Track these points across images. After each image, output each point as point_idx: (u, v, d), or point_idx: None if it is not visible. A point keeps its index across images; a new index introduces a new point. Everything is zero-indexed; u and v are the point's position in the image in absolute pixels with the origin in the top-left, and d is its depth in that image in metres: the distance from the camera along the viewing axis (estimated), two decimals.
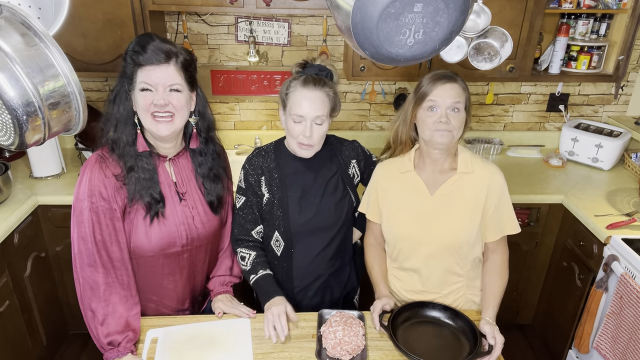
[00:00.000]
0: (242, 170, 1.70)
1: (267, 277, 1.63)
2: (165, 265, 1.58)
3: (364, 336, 1.50)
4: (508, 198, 1.63)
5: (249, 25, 2.65)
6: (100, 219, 1.43)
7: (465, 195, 1.59)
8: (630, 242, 1.99)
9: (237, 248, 1.71)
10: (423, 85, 1.57)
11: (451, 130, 1.52)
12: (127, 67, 1.42)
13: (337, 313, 1.57)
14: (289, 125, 1.58)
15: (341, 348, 1.44)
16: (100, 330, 1.45)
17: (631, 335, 1.88)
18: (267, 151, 1.71)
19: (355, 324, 1.52)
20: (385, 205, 1.67)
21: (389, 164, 1.72)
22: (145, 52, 1.38)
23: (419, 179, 1.64)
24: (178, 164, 1.58)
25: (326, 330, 1.49)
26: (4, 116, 1.10)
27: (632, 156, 2.68)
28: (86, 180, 1.43)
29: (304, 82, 1.54)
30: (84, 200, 1.42)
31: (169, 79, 1.41)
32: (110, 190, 1.43)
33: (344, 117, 2.93)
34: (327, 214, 1.67)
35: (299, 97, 1.53)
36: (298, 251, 1.70)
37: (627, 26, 2.53)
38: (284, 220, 1.66)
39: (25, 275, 2.26)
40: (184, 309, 1.71)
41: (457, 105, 1.52)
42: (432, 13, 1.05)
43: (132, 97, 1.44)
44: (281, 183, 1.66)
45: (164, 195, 1.52)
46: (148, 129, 1.47)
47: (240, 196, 1.70)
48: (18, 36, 1.11)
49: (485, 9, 1.76)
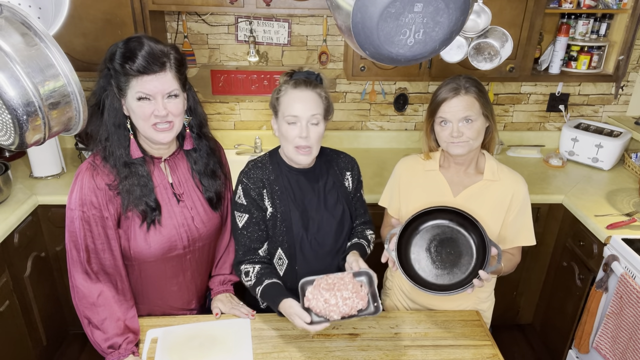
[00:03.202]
0: (239, 185, 1.58)
1: (273, 285, 1.50)
2: (169, 269, 1.57)
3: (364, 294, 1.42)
4: (529, 209, 1.63)
5: (249, 25, 2.65)
6: (92, 227, 1.42)
7: (489, 202, 1.60)
8: (630, 242, 1.99)
9: (240, 267, 1.58)
10: (434, 99, 1.56)
11: (466, 141, 1.52)
12: (116, 74, 1.35)
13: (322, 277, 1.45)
14: (283, 130, 1.50)
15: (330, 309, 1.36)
16: (97, 335, 1.45)
17: (631, 335, 1.88)
18: (263, 162, 1.61)
19: (345, 285, 1.42)
20: (406, 201, 1.67)
21: (412, 160, 1.72)
22: (138, 60, 1.31)
23: (443, 178, 1.65)
24: (174, 164, 1.55)
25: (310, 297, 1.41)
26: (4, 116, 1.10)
27: (632, 156, 2.68)
28: (77, 189, 1.41)
29: (294, 84, 1.50)
30: (75, 209, 1.41)
31: (167, 86, 1.36)
32: (102, 199, 1.41)
33: (344, 117, 2.93)
34: (330, 227, 1.61)
35: (291, 99, 1.48)
36: (302, 269, 1.61)
37: (627, 26, 2.53)
38: (288, 235, 1.57)
39: (25, 275, 2.26)
40: (192, 308, 1.71)
41: (468, 117, 1.51)
42: (432, 13, 1.05)
43: (124, 103, 1.40)
44: (283, 196, 1.57)
45: (161, 198, 1.50)
46: (147, 137, 1.43)
47: (242, 214, 1.57)
48: (18, 36, 1.11)
49: (485, 9, 1.76)
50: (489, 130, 1.61)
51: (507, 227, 1.62)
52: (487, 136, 1.62)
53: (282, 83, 1.54)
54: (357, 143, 2.98)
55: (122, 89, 1.37)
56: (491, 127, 1.60)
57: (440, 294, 1.50)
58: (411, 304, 1.77)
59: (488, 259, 1.46)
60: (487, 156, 1.65)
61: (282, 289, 1.50)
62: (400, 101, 2.88)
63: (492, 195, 1.61)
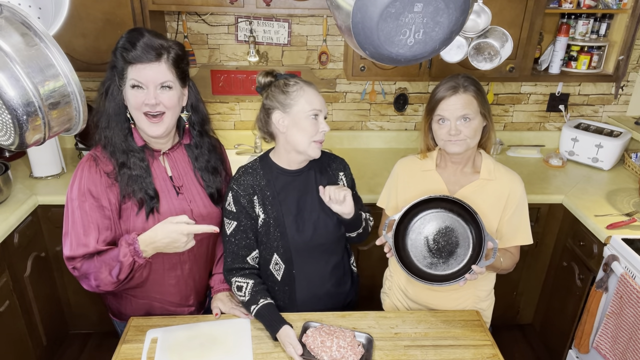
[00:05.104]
0: (229, 192, 1.58)
1: (269, 306, 1.54)
2: (166, 261, 1.58)
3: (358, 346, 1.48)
4: (526, 208, 1.64)
5: (249, 25, 2.65)
6: (89, 216, 1.44)
7: (485, 201, 1.60)
8: (630, 242, 1.99)
9: (231, 278, 1.60)
10: (432, 97, 1.57)
11: (463, 139, 1.53)
12: (117, 63, 1.41)
13: (322, 325, 1.54)
14: (304, 125, 1.50)
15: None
16: (117, 263, 1.41)
17: (631, 335, 1.88)
18: (254, 168, 1.61)
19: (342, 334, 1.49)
20: (404, 201, 1.68)
21: (410, 160, 1.73)
22: (135, 49, 1.37)
23: (440, 178, 1.65)
24: (173, 157, 1.57)
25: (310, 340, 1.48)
26: (4, 116, 1.10)
27: (632, 156, 2.68)
28: (77, 180, 1.45)
29: (305, 82, 1.54)
30: (75, 199, 1.44)
31: (160, 76, 1.40)
32: (101, 187, 1.44)
33: (344, 117, 2.93)
34: (325, 229, 1.61)
35: (311, 94, 1.51)
36: (299, 272, 1.63)
37: (627, 26, 2.53)
38: (283, 240, 1.58)
39: (25, 275, 2.26)
40: (189, 304, 1.71)
41: (466, 115, 1.52)
42: (432, 13, 1.05)
43: (123, 92, 1.44)
44: (275, 201, 1.58)
45: (160, 189, 1.52)
46: (140, 128, 1.48)
47: (231, 221, 1.59)
48: (18, 36, 1.11)
49: (485, 9, 1.76)
50: (486, 130, 1.61)
51: (504, 226, 1.62)
52: (484, 135, 1.62)
53: (282, 82, 1.54)
54: (357, 143, 2.98)
55: (122, 76, 1.41)
56: (488, 126, 1.61)
57: (433, 284, 1.52)
58: (411, 303, 1.77)
59: (483, 253, 1.47)
60: (484, 155, 1.65)
61: (277, 312, 1.54)
62: (400, 101, 2.88)
63: (488, 194, 1.62)
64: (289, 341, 1.46)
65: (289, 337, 1.46)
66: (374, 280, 2.12)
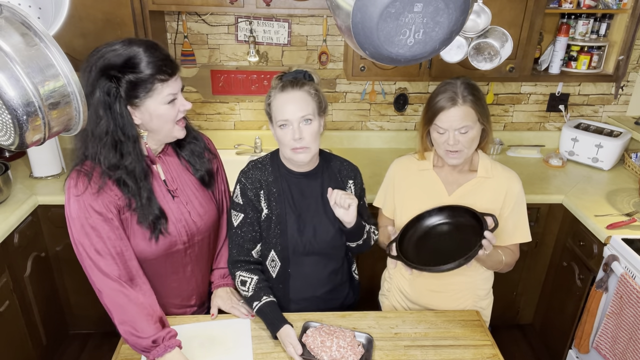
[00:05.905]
0: (237, 184, 1.60)
1: (271, 304, 1.54)
2: (169, 265, 1.57)
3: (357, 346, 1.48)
4: (524, 206, 1.64)
5: (249, 25, 2.65)
6: (100, 233, 1.40)
7: (483, 199, 1.60)
8: (630, 242, 1.99)
9: (236, 271, 1.61)
10: (431, 106, 1.55)
11: (461, 150, 1.53)
12: (134, 85, 1.35)
13: (322, 325, 1.54)
14: (278, 135, 1.50)
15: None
16: (140, 335, 1.41)
17: (631, 335, 1.88)
18: (263, 163, 1.62)
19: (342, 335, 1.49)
20: (401, 201, 1.67)
21: (407, 160, 1.73)
22: (169, 65, 1.38)
23: (437, 177, 1.65)
24: (165, 161, 1.56)
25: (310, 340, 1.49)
26: (4, 116, 1.10)
27: (632, 156, 2.68)
28: (73, 198, 1.39)
29: (281, 87, 1.49)
30: (77, 218, 1.39)
31: (179, 85, 1.44)
32: (102, 202, 1.40)
33: (344, 117, 2.93)
34: (325, 235, 1.60)
35: (280, 102, 1.48)
36: (295, 272, 1.62)
37: (627, 26, 2.53)
38: (282, 238, 1.58)
39: (25, 275, 2.26)
40: (191, 304, 1.71)
41: (464, 127, 1.51)
42: (432, 13, 1.05)
43: (133, 112, 1.39)
44: (280, 198, 1.58)
45: (156, 197, 1.49)
46: (171, 136, 1.48)
47: (238, 213, 1.60)
48: (18, 36, 1.11)
49: (485, 9, 1.76)
50: (484, 133, 1.61)
51: (502, 224, 1.62)
52: (483, 139, 1.62)
53: (272, 88, 1.54)
54: (356, 143, 2.98)
55: (139, 97, 1.36)
56: (487, 130, 1.60)
57: (450, 265, 1.44)
58: (411, 304, 1.77)
59: (485, 224, 1.47)
60: (481, 154, 1.65)
61: (279, 310, 1.55)
62: (400, 101, 2.88)
63: (486, 192, 1.61)
64: (289, 341, 1.46)
65: (289, 337, 1.46)
66: (372, 281, 2.12)
